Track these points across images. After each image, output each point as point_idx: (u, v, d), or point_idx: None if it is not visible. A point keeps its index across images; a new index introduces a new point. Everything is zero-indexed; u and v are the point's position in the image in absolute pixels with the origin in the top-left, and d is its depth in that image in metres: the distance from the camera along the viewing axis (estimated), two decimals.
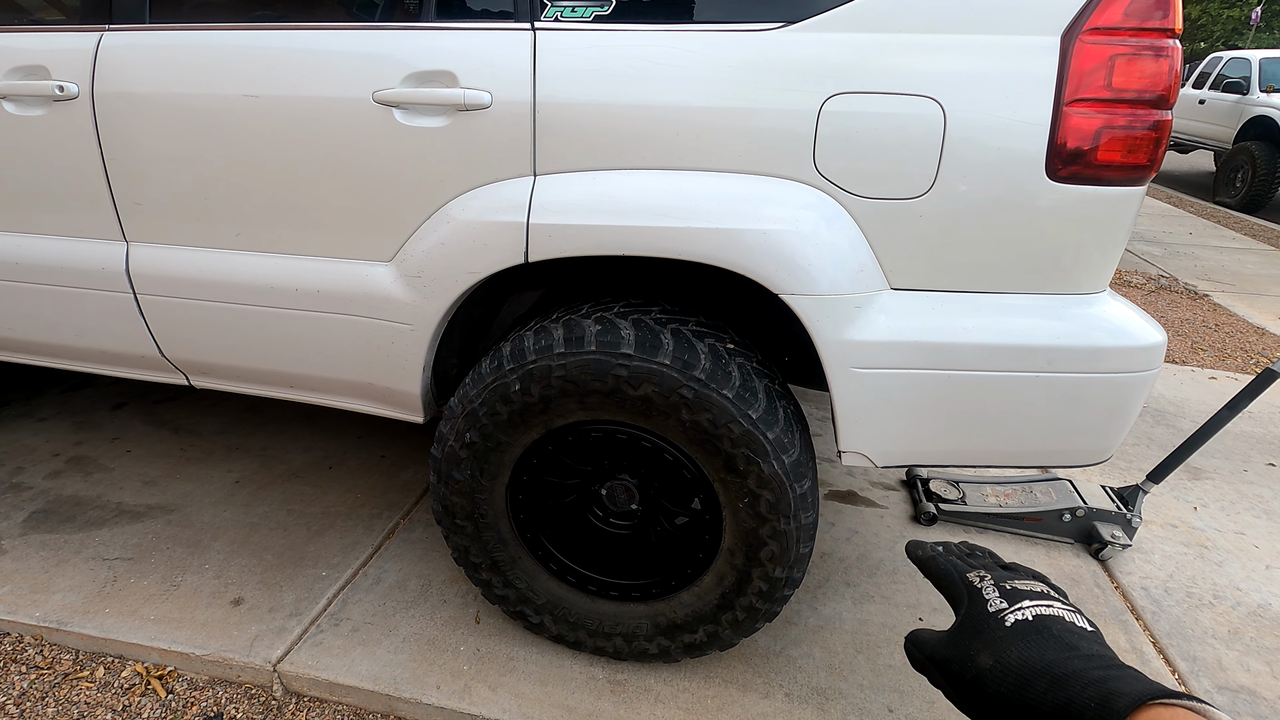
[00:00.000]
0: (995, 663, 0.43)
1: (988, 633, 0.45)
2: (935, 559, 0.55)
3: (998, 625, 0.45)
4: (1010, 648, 0.44)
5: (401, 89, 1.25)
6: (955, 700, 0.46)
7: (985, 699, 0.43)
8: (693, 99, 1.17)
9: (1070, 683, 0.40)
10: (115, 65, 1.38)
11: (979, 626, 0.46)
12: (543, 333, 1.30)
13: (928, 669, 0.48)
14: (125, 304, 1.57)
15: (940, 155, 1.12)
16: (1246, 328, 3.97)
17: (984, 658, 0.44)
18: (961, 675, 0.45)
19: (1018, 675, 0.42)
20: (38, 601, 1.69)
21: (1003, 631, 0.44)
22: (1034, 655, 0.43)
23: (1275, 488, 2.34)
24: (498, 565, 1.50)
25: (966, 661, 0.45)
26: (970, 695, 0.44)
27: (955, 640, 0.47)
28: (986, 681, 0.43)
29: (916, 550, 0.58)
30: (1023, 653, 0.43)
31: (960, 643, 0.46)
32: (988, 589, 0.48)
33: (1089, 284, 1.21)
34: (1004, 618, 0.45)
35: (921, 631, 0.51)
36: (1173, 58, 1.08)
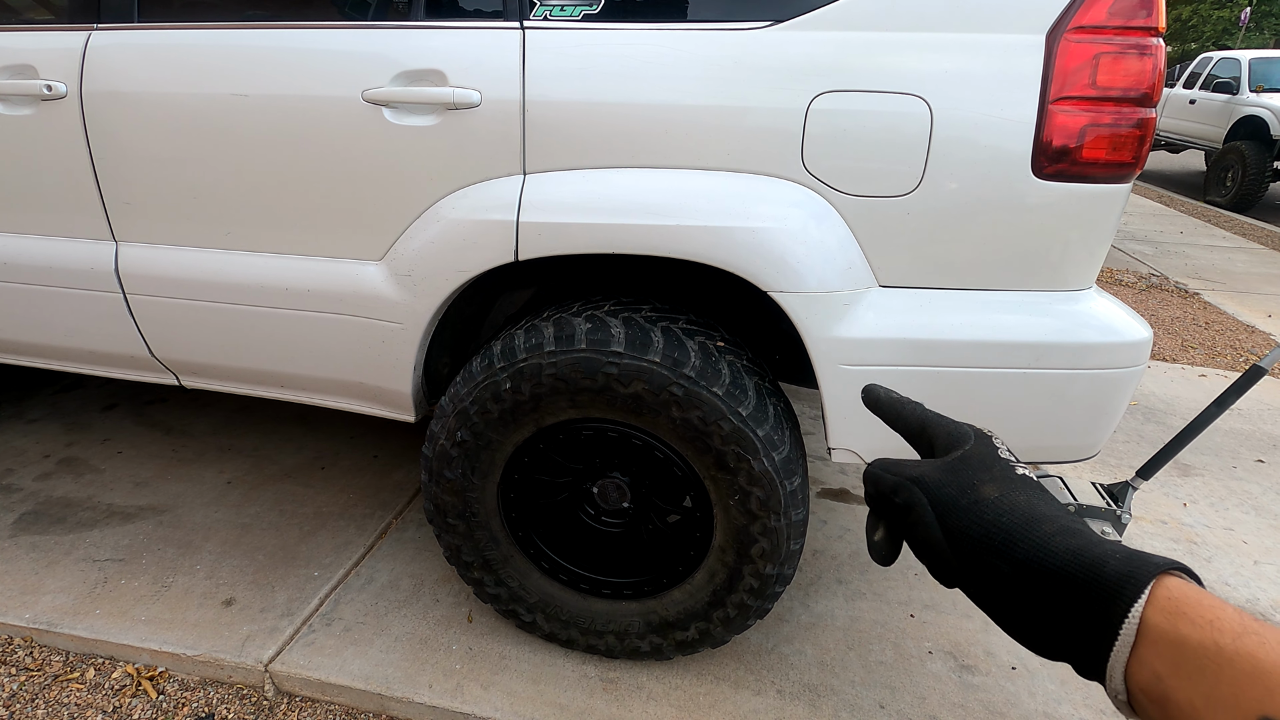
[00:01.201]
0: (1001, 495, 0.39)
1: (998, 470, 0.41)
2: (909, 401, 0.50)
3: (1008, 468, 0.41)
4: (1019, 489, 0.40)
5: (391, 88, 1.25)
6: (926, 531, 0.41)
7: (980, 525, 0.39)
8: (681, 98, 1.17)
9: (1084, 534, 0.36)
10: (103, 64, 1.38)
11: (988, 463, 0.42)
12: (533, 331, 1.30)
13: (903, 491, 0.43)
14: (115, 304, 1.56)
15: (927, 153, 1.13)
16: (1236, 326, 3.99)
17: (989, 489, 0.40)
18: (955, 500, 0.40)
19: (1025, 514, 0.38)
20: (27, 603, 1.68)
21: (1013, 475, 0.41)
22: (1042, 504, 0.39)
23: (1264, 484, 2.36)
24: (490, 564, 1.50)
25: (966, 488, 0.40)
26: (959, 521, 0.39)
27: (955, 468, 0.42)
28: (986, 509, 0.39)
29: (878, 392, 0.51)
30: (1031, 498, 0.39)
31: (961, 471, 0.42)
32: (997, 439, 0.45)
33: (1075, 281, 1.22)
34: (1014, 466, 0.42)
35: (894, 459, 0.46)
36: (1156, 56, 1.09)
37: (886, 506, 0.44)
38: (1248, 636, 0.29)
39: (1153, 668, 0.31)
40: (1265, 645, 0.28)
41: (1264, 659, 0.28)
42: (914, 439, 0.48)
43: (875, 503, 0.45)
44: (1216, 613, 0.30)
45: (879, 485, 0.44)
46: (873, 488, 0.45)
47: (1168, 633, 0.31)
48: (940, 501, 0.41)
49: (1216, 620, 0.30)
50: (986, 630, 1.68)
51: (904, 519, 0.43)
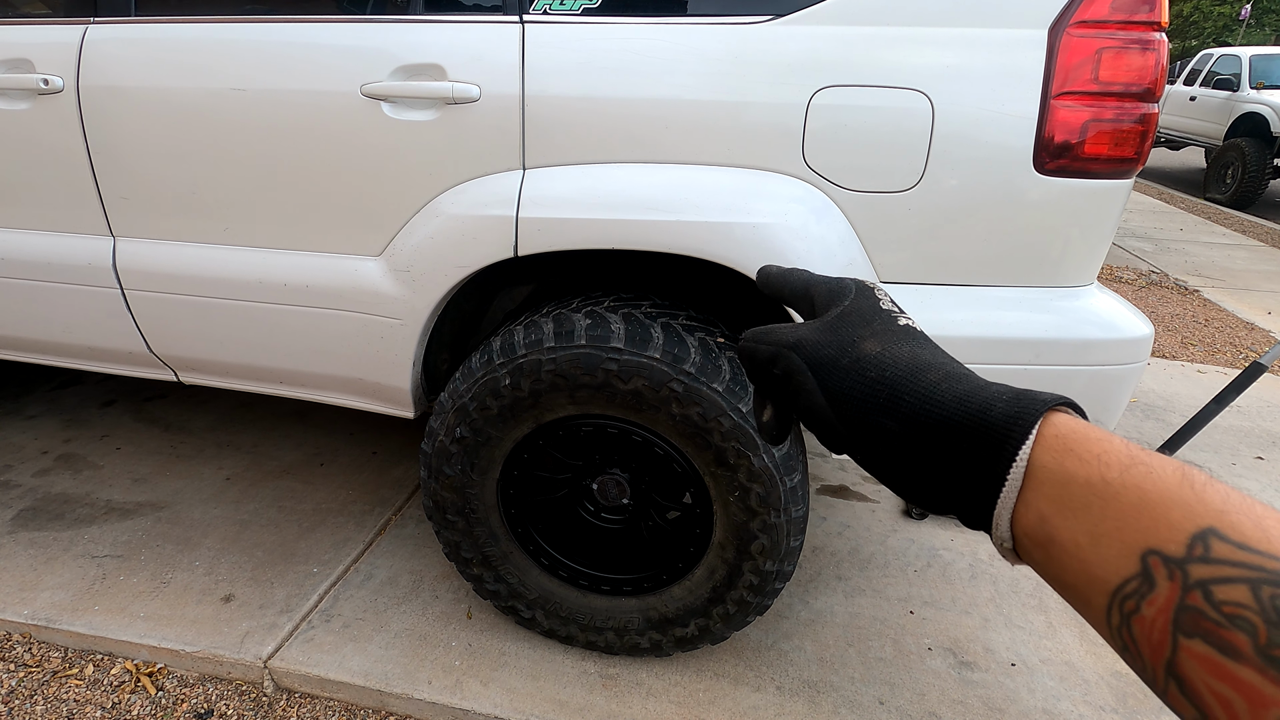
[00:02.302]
0: (883, 350, 0.37)
1: (878, 323, 0.38)
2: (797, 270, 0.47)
3: (889, 320, 0.39)
4: (902, 343, 0.37)
5: (390, 82, 1.24)
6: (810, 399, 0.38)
7: (863, 384, 0.36)
8: (682, 93, 1.17)
9: (970, 378, 0.34)
10: (100, 58, 1.37)
11: (868, 317, 0.39)
12: (533, 327, 1.29)
13: (780, 360, 0.39)
14: (112, 299, 1.56)
15: (928, 149, 1.12)
16: (1236, 323, 3.99)
17: (870, 345, 0.37)
18: (835, 360, 0.37)
19: (909, 365, 0.35)
20: (26, 599, 1.68)
21: (895, 327, 0.38)
22: (925, 352, 0.36)
23: (1263, 481, 2.36)
24: (489, 560, 1.50)
25: (846, 346, 0.37)
26: (841, 382, 0.36)
27: (833, 326, 0.39)
28: (868, 366, 0.36)
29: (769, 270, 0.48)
30: (915, 349, 0.37)
31: (840, 329, 0.38)
32: (880, 291, 0.42)
33: (1076, 277, 1.21)
34: (895, 316, 0.39)
35: (767, 327, 0.42)
36: (1159, 51, 1.09)
37: (766, 379, 0.41)
38: (1135, 468, 0.27)
39: (1038, 509, 0.29)
40: (1152, 475, 0.27)
41: (1150, 489, 0.26)
42: (799, 303, 0.45)
43: (756, 377, 0.42)
44: (1104, 446, 0.29)
45: (755, 358, 0.41)
46: (749, 361, 0.42)
47: (1055, 472, 0.29)
48: (820, 364, 0.38)
49: (1104, 454, 0.28)
50: (986, 627, 1.68)
51: (785, 388, 0.40)
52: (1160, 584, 0.25)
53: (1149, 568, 0.25)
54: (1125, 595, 0.26)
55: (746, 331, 0.43)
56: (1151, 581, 0.25)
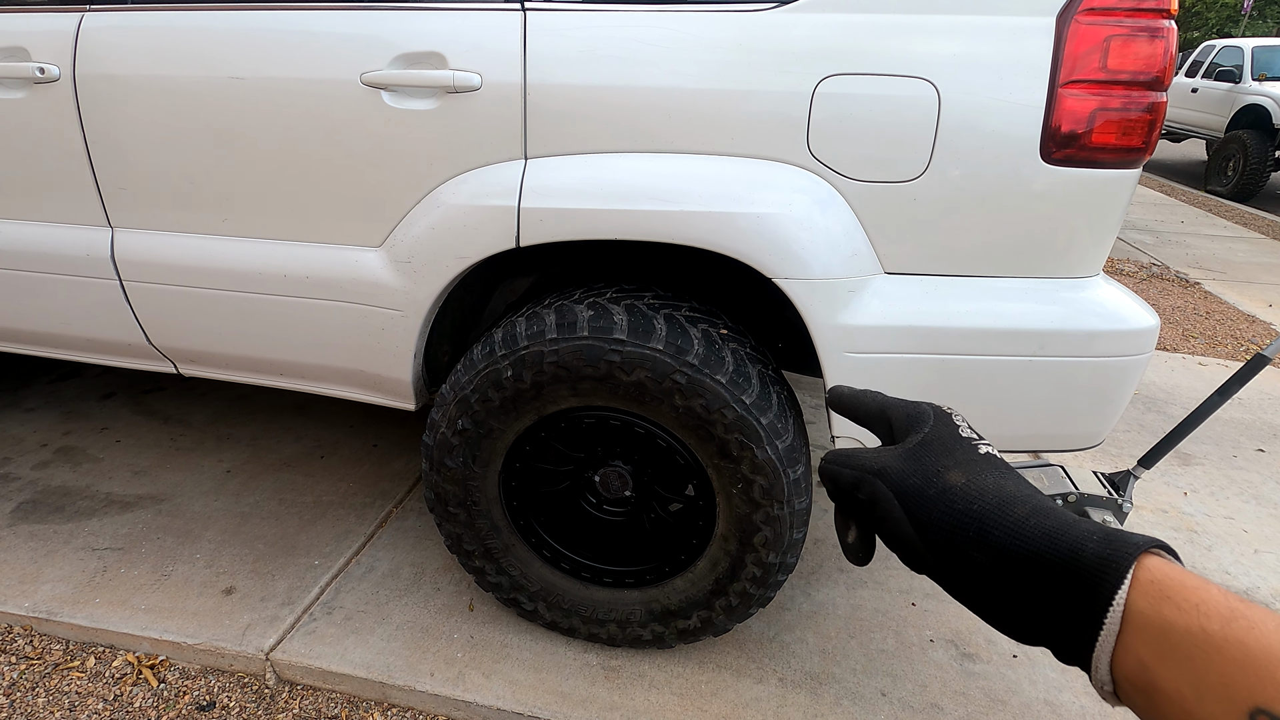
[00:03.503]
0: (969, 481, 0.37)
1: (961, 453, 0.39)
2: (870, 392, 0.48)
3: (971, 449, 0.39)
4: (985, 473, 0.38)
5: (390, 70, 1.23)
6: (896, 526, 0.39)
7: (950, 515, 0.36)
8: (685, 81, 1.15)
9: (1059, 513, 0.35)
10: (97, 47, 1.35)
11: (950, 446, 0.40)
12: (535, 318, 1.28)
13: (865, 485, 0.40)
14: (111, 291, 1.54)
15: (934, 138, 1.11)
16: (1237, 315, 3.99)
17: (954, 475, 0.38)
18: (921, 490, 0.38)
19: (996, 497, 0.36)
20: (27, 592, 1.67)
21: (977, 457, 0.39)
22: (1011, 484, 0.37)
23: (1264, 473, 2.36)
24: (491, 553, 1.50)
25: (931, 476, 0.38)
26: (928, 513, 0.37)
27: (916, 454, 0.40)
28: (955, 498, 0.37)
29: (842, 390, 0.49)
30: (999, 480, 0.37)
31: (923, 457, 0.39)
32: (958, 417, 0.42)
33: (1083, 268, 1.21)
34: (977, 446, 0.40)
35: (850, 449, 0.43)
36: (1168, 39, 1.07)
37: (851, 502, 0.42)
38: (1236, 621, 0.27)
39: (1138, 655, 0.29)
40: (1254, 631, 0.27)
41: (1254, 645, 0.27)
42: (874, 425, 0.46)
43: (839, 500, 0.43)
44: (1202, 595, 0.29)
45: (838, 481, 0.42)
46: (832, 484, 0.43)
47: (1152, 619, 0.29)
48: (906, 493, 0.39)
49: (1202, 604, 0.29)
50: None
51: (870, 514, 0.41)
52: None
53: None
54: None
55: (828, 454, 0.44)
56: None
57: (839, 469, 0.42)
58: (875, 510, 0.40)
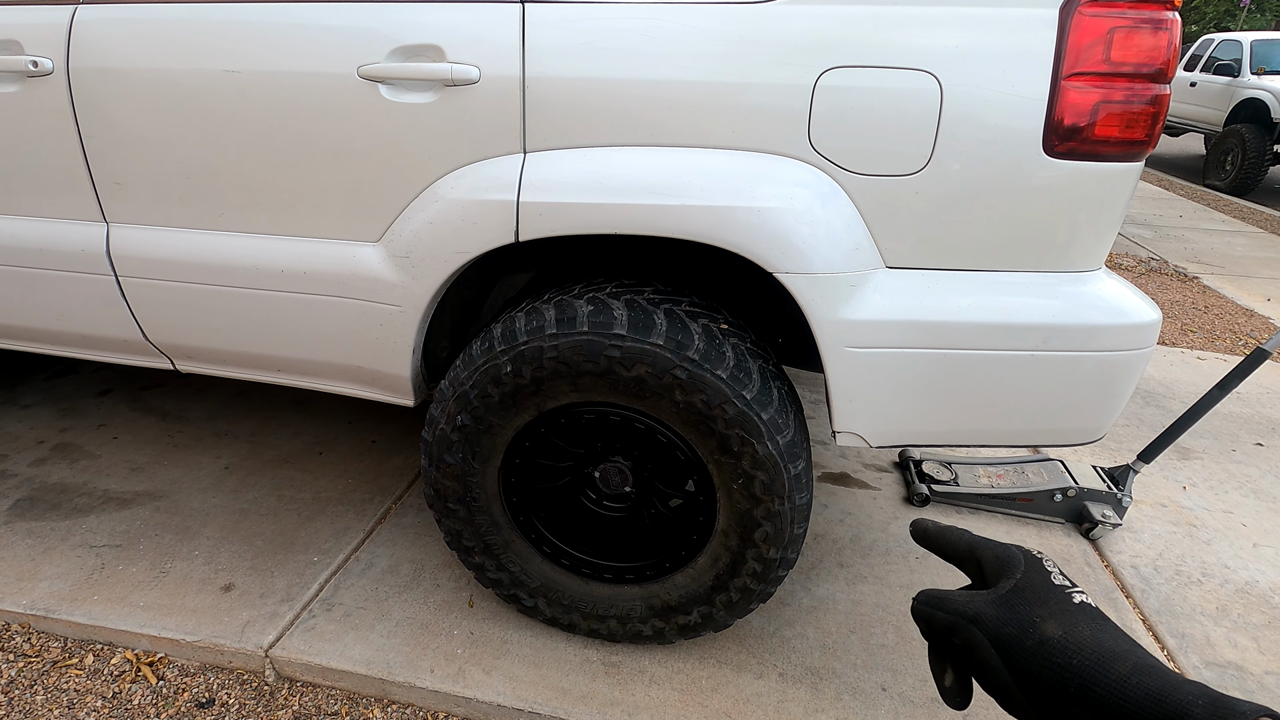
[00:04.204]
0: (1065, 634, 0.37)
1: (1055, 603, 0.39)
2: (954, 529, 0.49)
3: (1065, 599, 0.39)
4: (1081, 624, 0.38)
5: (387, 64, 1.22)
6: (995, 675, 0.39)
7: (1050, 669, 0.36)
8: (685, 74, 1.14)
9: (1162, 672, 0.35)
10: (91, 40, 1.34)
11: (1044, 595, 0.40)
12: (534, 314, 1.28)
13: (960, 631, 0.41)
14: (107, 287, 1.53)
15: (936, 131, 1.11)
16: (1235, 309, 3.99)
17: (1051, 627, 0.38)
18: (1019, 640, 0.38)
19: (1095, 652, 0.36)
20: (24, 589, 1.67)
21: (1071, 607, 0.39)
22: (1108, 638, 0.37)
23: (1263, 467, 2.36)
24: (491, 549, 1.49)
25: (1027, 626, 0.38)
26: (1027, 665, 0.37)
27: (1010, 602, 0.40)
28: (1054, 651, 0.37)
29: (926, 525, 0.50)
30: (1097, 633, 0.37)
31: (1018, 605, 0.40)
32: (1049, 563, 0.43)
33: (1085, 262, 1.20)
34: (1071, 595, 0.40)
35: (942, 591, 0.43)
36: (1172, 31, 1.07)
37: (945, 646, 0.42)
38: None
39: None
40: None
41: None
42: (962, 563, 0.46)
43: (933, 641, 0.43)
44: None
45: (932, 624, 0.43)
46: (926, 626, 0.43)
47: None
48: (1003, 642, 0.39)
49: None
50: None
51: (968, 660, 0.41)
52: None
53: None
54: None
55: (921, 594, 0.44)
56: None
57: (933, 612, 0.42)
58: (973, 657, 0.40)
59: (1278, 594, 1.79)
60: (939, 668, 0.44)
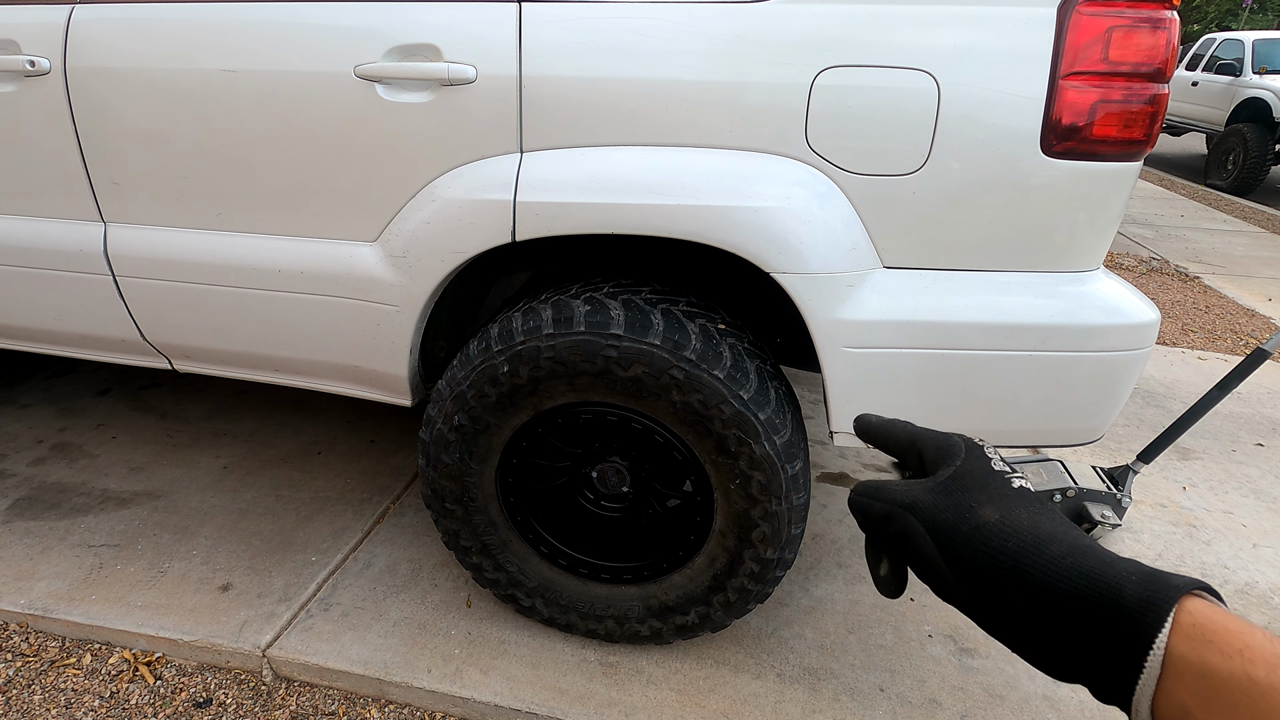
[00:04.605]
0: (1002, 517, 0.37)
1: (994, 488, 0.39)
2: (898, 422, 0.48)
3: (1004, 484, 0.39)
4: (1019, 508, 0.37)
5: (384, 63, 1.21)
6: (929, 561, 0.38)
7: (985, 553, 0.36)
8: (682, 73, 1.14)
9: (1097, 552, 0.34)
10: (88, 39, 1.34)
11: (983, 480, 0.39)
12: (531, 314, 1.28)
13: (896, 519, 0.40)
14: (105, 286, 1.53)
15: (934, 131, 1.10)
16: (1236, 309, 3.98)
17: (988, 511, 0.37)
18: (954, 526, 0.38)
19: (1031, 535, 0.36)
20: (22, 589, 1.67)
21: (1009, 491, 0.39)
22: (1045, 521, 0.36)
23: (1263, 467, 2.36)
24: (488, 549, 1.49)
25: (964, 511, 0.38)
26: (962, 550, 0.37)
27: (948, 489, 0.39)
28: (990, 535, 0.37)
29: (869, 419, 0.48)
30: (1034, 515, 0.37)
31: (955, 492, 0.39)
32: (989, 449, 0.42)
33: (1083, 262, 1.20)
34: (1010, 480, 0.39)
35: (879, 481, 0.43)
36: (1170, 30, 1.06)
37: (882, 536, 0.42)
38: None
39: (1180, 700, 0.29)
40: None
41: None
42: (904, 456, 0.46)
43: (870, 532, 0.43)
44: (1245, 640, 0.29)
45: (869, 514, 0.42)
46: (862, 517, 0.43)
47: (1194, 664, 0.29)
48: (939, 528, 0.38)
49: (1246, 649, 0.28)
50: None
51: (902, 547, 0.40)
52: None
53: None
54: None
55: (858, 485, 0.44)
56: None
57: (869, 502, 0.42)
58: (908, 545, 0.40)
59: (1278, 594, 1.79)
60: (874, 558, 0.44)
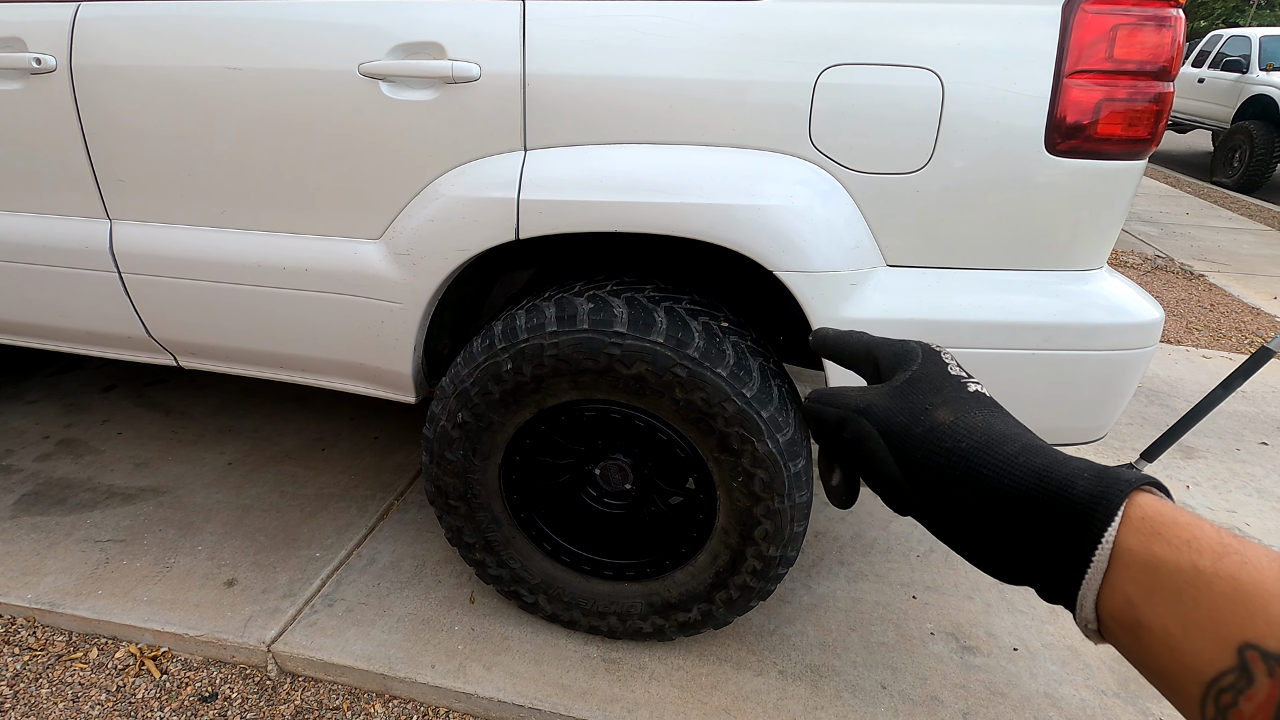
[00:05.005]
0: (956, 419, 0.36)
1: (949, 391, 0.38)
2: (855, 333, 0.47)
3: (959, 387, 0.38)
4: (974, 410, 0.37)
5: (388, 61, 1.22)
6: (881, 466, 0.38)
7: (938, 454, 0.35)
8: (685, 71, 1.14)
9: (1048, 451, 0.34)
10: (93, 37, 1.34)
11: (938, 384, 0.38)
12: (535, 311, 1.28)
13: (850, 424, 0.39)
14: (110, 283, 1.54)
15: (938, 129, 1.10)
16: (1242, 308, 3.97)
17: (943, 414, 0.37)
18: (908, 429, 0.37)
19: (984, 435, 0.35)
20: (29, 583, 1.68)
21: (965, 395, 0.38)
22: (1000, 422, 0.36)
23: (1267, 466, 2.35)
24: (491, 545, 1.50)
25: (918, 414, 0.37)
26: (914, 451, 0.36)
27: (903, 392, 0.38)
28: (943, 436, 0.36)
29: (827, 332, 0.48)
30: (988, 418, 0.36)
31: (910, 395, 0.38)
32: (946, 355, 0.41)
33: (1087, 260, 1.20)
34: (965, 383, 0.39)
35: (834, 388, 0.42)
36: (1175, 28, 1.06)
37: (834, 442, 0.41)
38: (1228, 557, 0.27)
39: (1125, 593, 0.29)
40: (1247, 565, 0.26)
41: (1245, 580, 0.26)
42: (861, 366, 0.45)
43: (823, 440, 0.42)
44: (1193, 531, 0.28)
45: (822, 420, 0.41)
46: (815, 423, 0.42)
47: (1142, 556, 0.29)
48: (892, 431, 0.37)
49: (1194, 540, 0.28)
50: (988, 612, 1.68)
51: (854, 453, 0.39)
52: (1259, 679, 0.24)
53: (1246, 662, 0.25)
54: (1221, 689, 0.25)
55: (812, 392, 0.43)
56: (1250, 676, 0.25)
57: (823, 407, 0.41)
58: (860, 450, 0.39)
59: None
60: (827, 468, 0.43)
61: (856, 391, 0.40)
